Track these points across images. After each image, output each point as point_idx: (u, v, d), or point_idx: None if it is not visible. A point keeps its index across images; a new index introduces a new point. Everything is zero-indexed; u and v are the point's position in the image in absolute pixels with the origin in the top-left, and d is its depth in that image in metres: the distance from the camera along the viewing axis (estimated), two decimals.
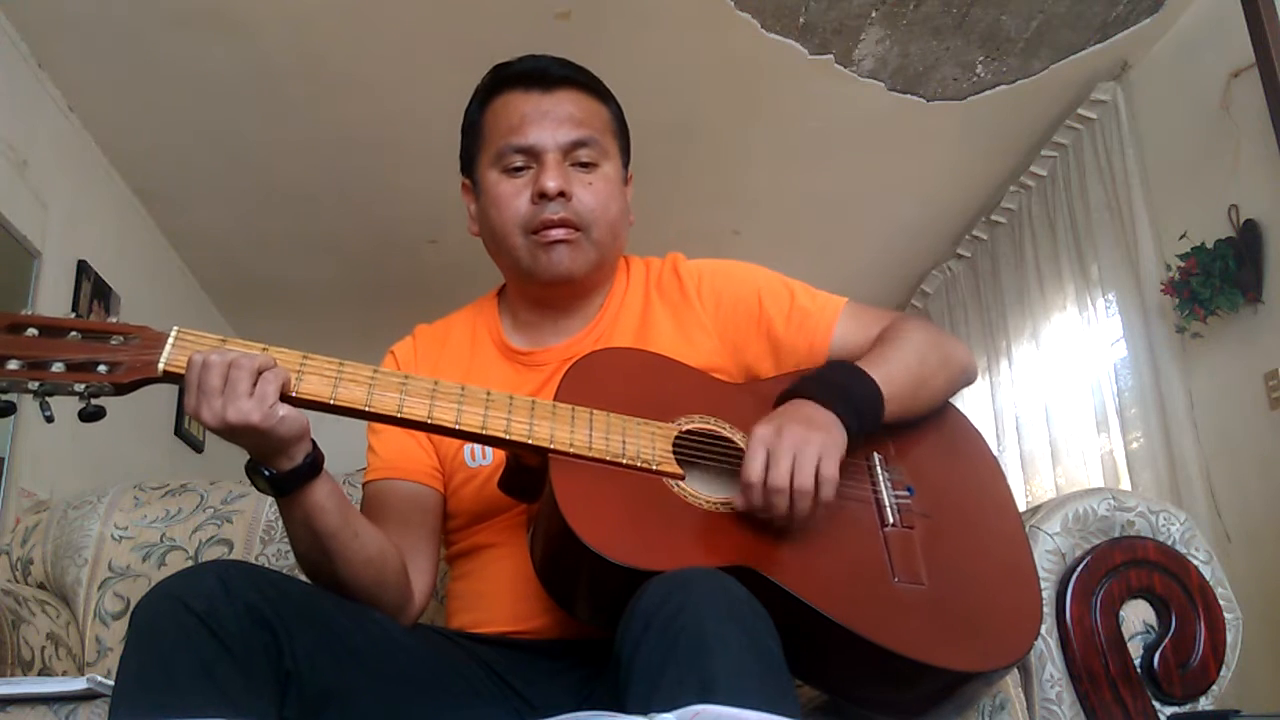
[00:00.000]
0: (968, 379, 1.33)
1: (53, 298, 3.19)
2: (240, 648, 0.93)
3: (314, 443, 1.08)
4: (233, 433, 1.02)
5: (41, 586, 1.74)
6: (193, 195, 3.89)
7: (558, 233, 1.26)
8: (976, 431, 1.33)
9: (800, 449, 1.05)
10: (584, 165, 1.29)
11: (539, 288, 1.31)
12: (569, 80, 1.32)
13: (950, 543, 1.16)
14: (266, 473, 1.06)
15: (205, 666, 0.91)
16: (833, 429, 1.10)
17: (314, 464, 1.08)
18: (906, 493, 1.18)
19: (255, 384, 1.02)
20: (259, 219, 4.08)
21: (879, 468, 1.19)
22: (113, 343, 1.03)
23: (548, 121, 1.28)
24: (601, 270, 1.33)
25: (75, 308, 3.32)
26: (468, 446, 1.26)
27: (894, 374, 1.20)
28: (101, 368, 1.02)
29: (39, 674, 1.54)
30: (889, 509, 1.16)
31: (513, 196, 1.27)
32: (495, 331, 1.36)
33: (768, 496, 1.05)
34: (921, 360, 1.25)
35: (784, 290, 1.34)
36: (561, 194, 1.25)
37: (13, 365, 1.00)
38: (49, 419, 1.01)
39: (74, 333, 1.03)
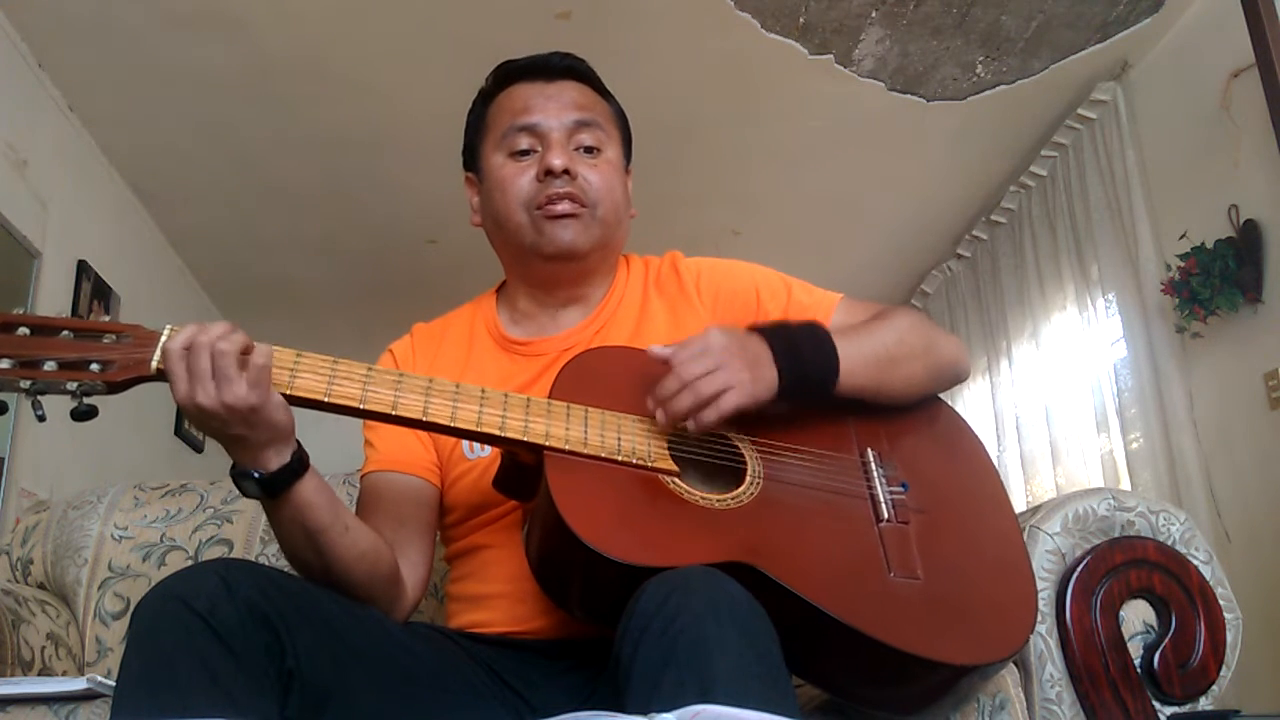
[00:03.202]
0: (957, 372, 1.33)
1: (52, 298, 3.19)
2: (242, 647, 0.93)
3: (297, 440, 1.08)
4: (228, 417, 1.00)
5: (41, 586, 1.74)
6: (193, 195, 3.89)
7: (563, 206, 1.27)
8: (970, 429, 1.34)
9: (726, 380, 1.10)
10: (588, 150, 1.31)
11: (541, 264, 1.30)
12: (571, 70, 1.35)
13: (945, 537, 1.16)
14: (256, 474, 1.05)
15: (207, 666, 0.91)
16: (761, 383, 1.12)
17: (302, 459, 1.07)
18: (901, 488, 1.19)
19: (244, 366, 1.01)
20: (259, 219, 4.08)
21: (874, 464, 1.20)
22: (105, 341, 1.03)
23: (552, 105, 1.31)
24: (604, 253, 1.33)
25: (75, 308, 3.32)
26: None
27: (863, 348, 1.21)
28: (94, 366, 1.01)
29: (39, 674, 1.53)
30: (884, 504, 1.16)
31: (517, 176, 1.29)
32: (493, 325, 1.36)
33: (673, 381, 1.10)
34: (900, 340, 1.26)
35: (781, 286, 1.35)
36: (566, 171, 1.27)
37: (4, 364, 0.99)
38: (41, 418, 1.01)
39: (66, 331, 1.02)
